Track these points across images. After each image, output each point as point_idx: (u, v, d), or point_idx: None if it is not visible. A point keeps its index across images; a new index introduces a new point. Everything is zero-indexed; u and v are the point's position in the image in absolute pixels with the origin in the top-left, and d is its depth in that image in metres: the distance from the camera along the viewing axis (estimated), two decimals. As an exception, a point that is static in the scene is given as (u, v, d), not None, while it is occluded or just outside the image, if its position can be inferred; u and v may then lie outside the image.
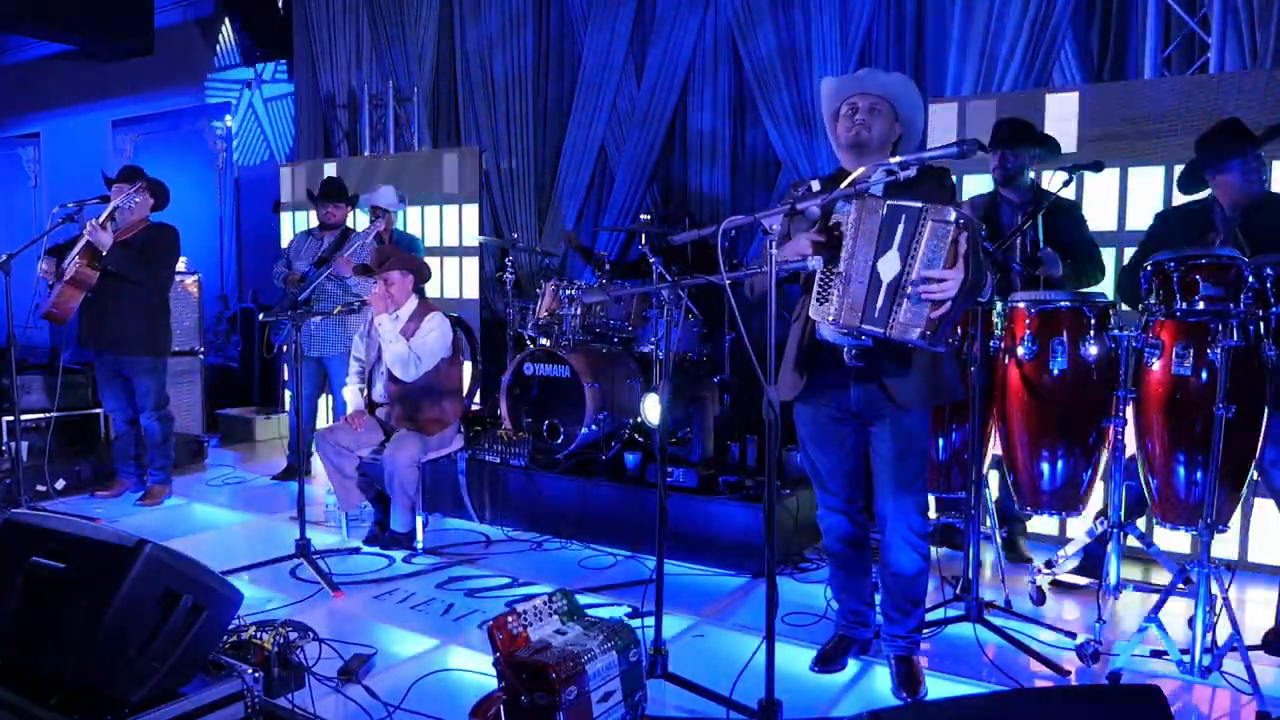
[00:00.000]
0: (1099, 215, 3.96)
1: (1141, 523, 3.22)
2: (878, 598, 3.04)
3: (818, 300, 2.52)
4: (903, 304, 2.38)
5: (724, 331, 4.91)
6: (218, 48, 8.39)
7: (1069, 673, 2.88)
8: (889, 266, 2.40)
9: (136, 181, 4.66)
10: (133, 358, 4.73)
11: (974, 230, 2.40)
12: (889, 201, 2.42)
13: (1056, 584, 3.54)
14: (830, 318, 2.50)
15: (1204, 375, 2.79)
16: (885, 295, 2.40)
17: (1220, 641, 2.74)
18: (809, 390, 2.74)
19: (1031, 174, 3.73)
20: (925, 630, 2.98)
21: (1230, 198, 3.18)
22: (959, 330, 3.18)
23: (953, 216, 2.33)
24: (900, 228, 2.38)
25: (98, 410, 5.62)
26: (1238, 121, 3.20)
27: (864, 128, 2.63)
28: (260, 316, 5.52)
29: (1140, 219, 3.74)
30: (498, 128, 6.73)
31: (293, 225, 7.00)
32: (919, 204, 2.37)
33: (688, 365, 4.69)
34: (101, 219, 4.43)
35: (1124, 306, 3.48)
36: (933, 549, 3.14)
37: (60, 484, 5.05)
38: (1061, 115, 4.06)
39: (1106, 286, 3.72)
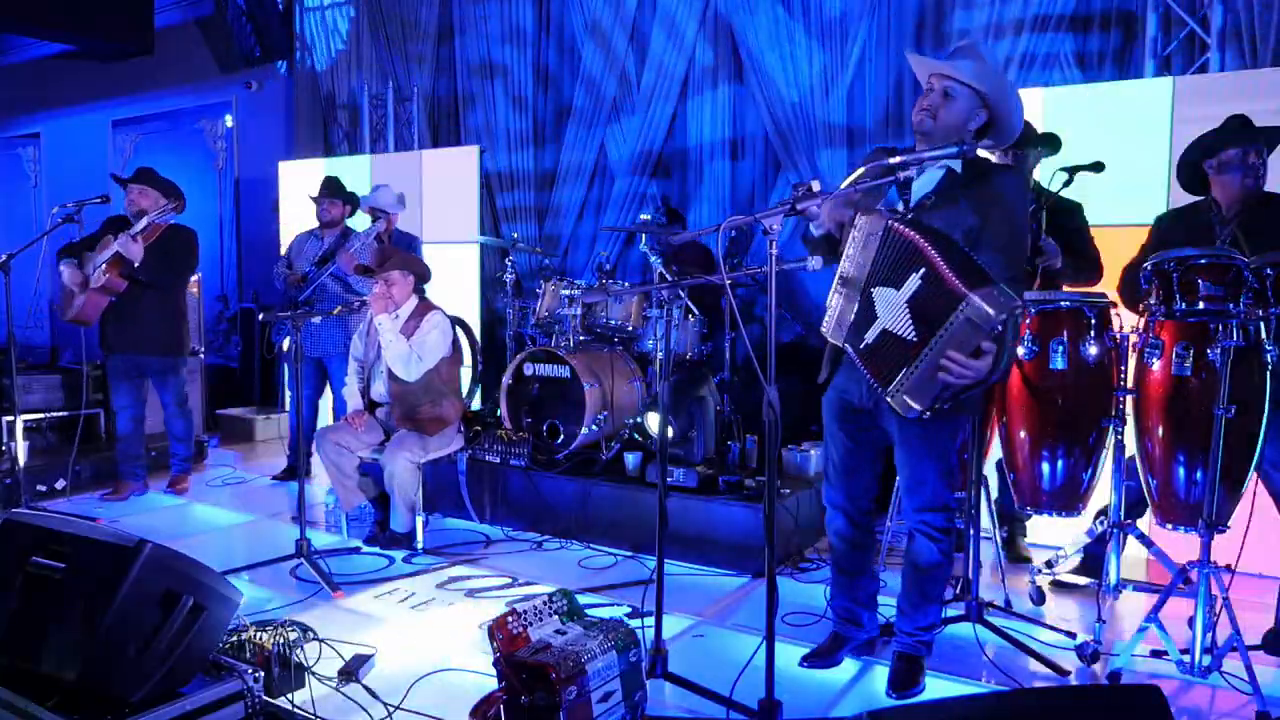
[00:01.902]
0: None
1: (1142, 523, 3.22)
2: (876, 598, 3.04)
3: (831, 296, 2.53)
4: (913, 380, 2.30)
5: (724, 331, 4.91)
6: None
7: (1069, 673, 2.88)
8: (890, 312, 2.34)
9: (168, 193, 4.76)
10: (157, 357, 4.85)
11: (1016, 325, 2.30)
12: (919, 242, 2.30)
13: (1056, 584, 3.54)
14: (823, 326, 2.51)
15: (1204, 375, 2.78)
16: (878, 339, 2.37)
17: (1220, 641, 2.74)
18: (836, 382, 2.73)
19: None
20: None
21: (1227, 195, 3.17)
22: None
23: (993, 321, 2.18)
24: (915, 280, 2.28)
25: (98, 410, 5.62)
26: (1244, 117, 3.20)
27: (928, 114, 2.51)
28: (260, 317, 5.51)
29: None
30: (497, 128, 6.73)
31: (289, 216, 6.99)
32: (960, 290, 2.21)
33: (688, 365, 4.69)
34: (135, 231, 4.58)
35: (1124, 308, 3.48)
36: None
37: (60, 484, 5.05)
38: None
39: (1105, 286, 3.72)
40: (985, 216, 2.44)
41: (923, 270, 2.29)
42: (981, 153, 2.64)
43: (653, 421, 4.40)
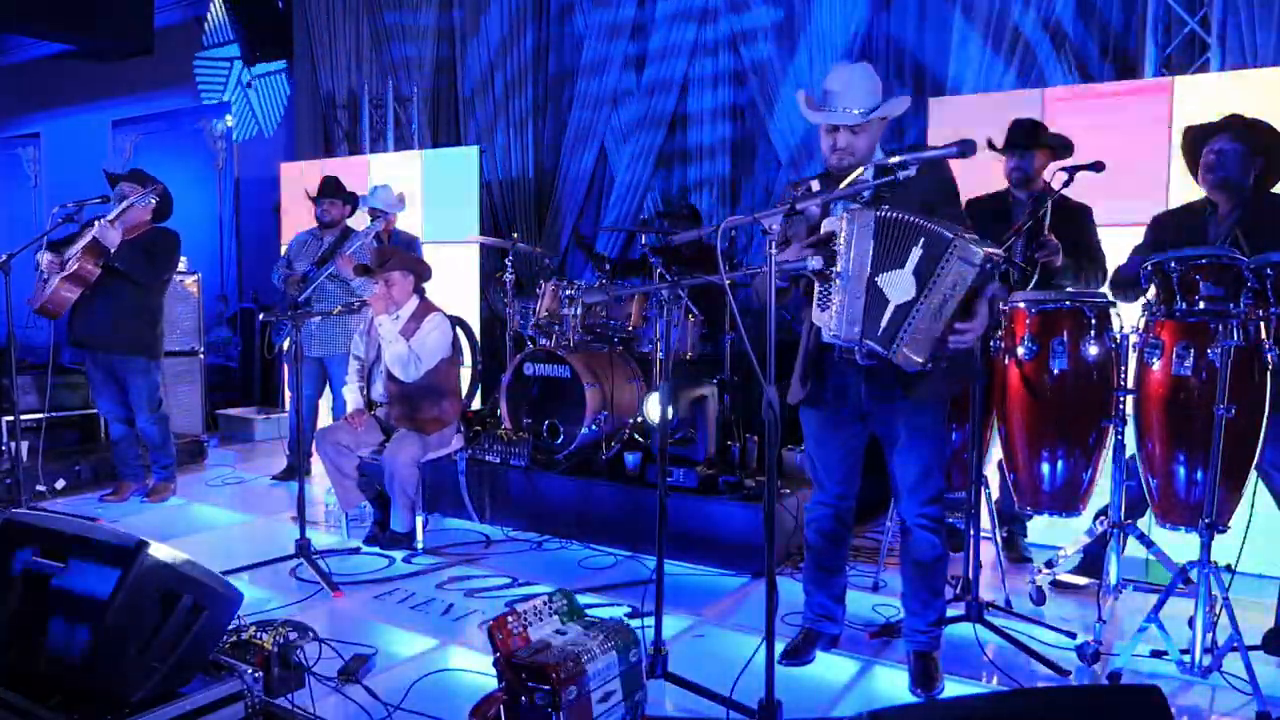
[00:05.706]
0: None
1: (1142, 523, 3.22)
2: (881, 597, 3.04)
3: (819, 307, 2.53)
4: (910, 333, 2.38)
5: (724, 331, 4.91)
6: (205, 25, 8.35)
7: (1069, 673, 2.88)
8: (900, 289, 2.39)
9: (147, 183, 4.66)
10: (124, 358, 4.69)
11: (996, 273, 2.41)
12: (911, 219, 2.39)
13: (1056, 584, 3.54)
14: (831, 331, 2.50)
15: (1204, 375, 2.79)
16: (892, 316, 2.41)
17: (1220, 641, 2.74)
18: (817, 393, 2.75)
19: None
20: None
21: (1210, 184, 3.17)
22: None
23: (980, 258, 2.31)
24: (918, 251, 2.36)
25: (97, 410, 5.61)
26: (1235, 115, 3.20)
27: (847, 153, 2.60)
28: (260, 317, 5.51)
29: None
30: (497, 128, 6.73)
31: (289, 216, 6.99)
32: (949, 233, 2.33)
33: (688, 365, 4.69)
34: (112, 217, 4.44)
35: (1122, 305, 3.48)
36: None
37: (60, 484, 5.04)
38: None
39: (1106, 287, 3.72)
40: (934, 206, 2.55)
41: (922, 239, 2.38)
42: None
43: (651, 407, 4.29)
